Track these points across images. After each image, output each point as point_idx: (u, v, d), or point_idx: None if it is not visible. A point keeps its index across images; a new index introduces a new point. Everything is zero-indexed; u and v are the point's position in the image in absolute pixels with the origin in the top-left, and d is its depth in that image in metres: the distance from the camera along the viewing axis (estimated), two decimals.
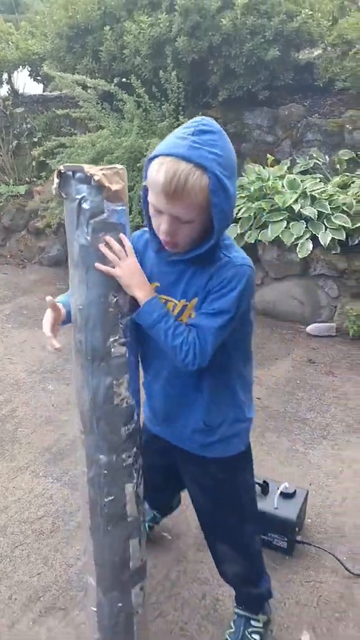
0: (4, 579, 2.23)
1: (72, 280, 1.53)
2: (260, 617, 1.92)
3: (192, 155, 1.30)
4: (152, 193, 1.37)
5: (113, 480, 1.61)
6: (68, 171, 1.41)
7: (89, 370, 1.53)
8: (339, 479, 2.70)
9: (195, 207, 1.35)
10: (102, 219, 1.42)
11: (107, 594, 1.73)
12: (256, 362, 3.61)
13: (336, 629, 2.00)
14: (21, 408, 3.29)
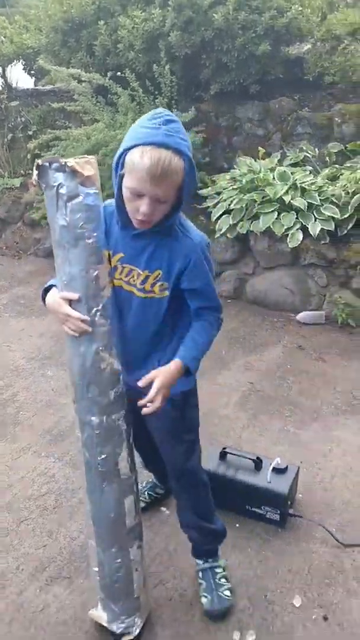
0: (11, 551, 2.34)
1: (56, 259, 1.68)
2: (220, 562, 2.15)
3: (169, 142, 1.48)
4: (135, 178, 1.51)
5: (105, 440, 1.77)
6: (45, 163, 1.57)
7: (77, 340, 1.69)
8: (328, 458, 2.83)
9: (174, 187, 1.54)
10: (79, 201, 1.58)
11: (106, 551, 1.88)
12: (248, 349, 3.76)
13: (326, 594, 2.14)
14: (22, 393, 3.40)
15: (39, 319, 4.31)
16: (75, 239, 1.61)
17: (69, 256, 1.64)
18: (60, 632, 2.01)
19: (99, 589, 1.95)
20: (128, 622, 1.94)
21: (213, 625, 2.03)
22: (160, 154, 1.47)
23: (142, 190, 1.52)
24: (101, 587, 1.93)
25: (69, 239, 1.62)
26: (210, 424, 3.03)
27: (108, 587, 1.92)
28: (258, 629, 2.01)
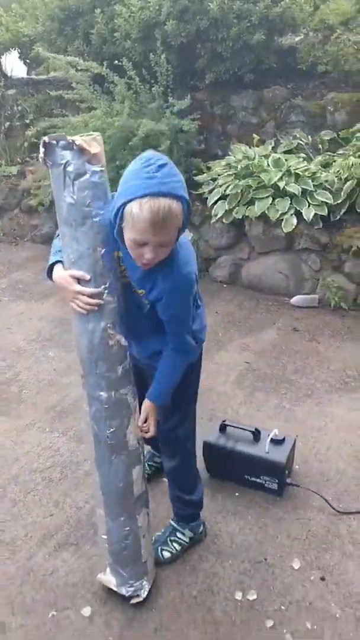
0: (19, 520, 2.43)
1: (62, 237, 1.71)
2: (186, 531, 2.27)
3: (166, 190, 1.50)
4: (136, 230, 1.54)
5: (113, 413, 1.84)
6: (52, 140, 1.57)
7: (85, 317, 1.72)
8: (323, 432, 2.93)
9: (175, 229, 1.58)
10: (86, 179, 1.59)
11: (115, 520, 1.97)
12: (244, 331, 3.86)
13: (323, 557, 2.24)
14: (24, 372, 3.48)
15: (38, 302, 4.38)
16: (83, 217, 1.63)
17: (77, 234, 1.65)
18: (70, 594, 2.10)
19: (108, 555, 2.04)
20: (136, 585, 2.04)
21: (216, 586, 2.13)
22: (159, 204, 1.49)
23: (145, 240, 1.56)
24: (110, 553, 2.03)
25: (77, 217, 1.63)
26: (209, 400, 3.13)
27: (117, 553, 2.01)
28: (259, 589, 2.11)
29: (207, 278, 4.71)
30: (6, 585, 2.14)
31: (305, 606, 2.05)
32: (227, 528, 2.38)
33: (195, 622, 2.00)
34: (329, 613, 2.02)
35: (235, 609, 2.04)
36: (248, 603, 2.06)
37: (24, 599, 2.09)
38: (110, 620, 2.01)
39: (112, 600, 2.07)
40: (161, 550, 2.23)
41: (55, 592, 2.12)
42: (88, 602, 2.08)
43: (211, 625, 1.99)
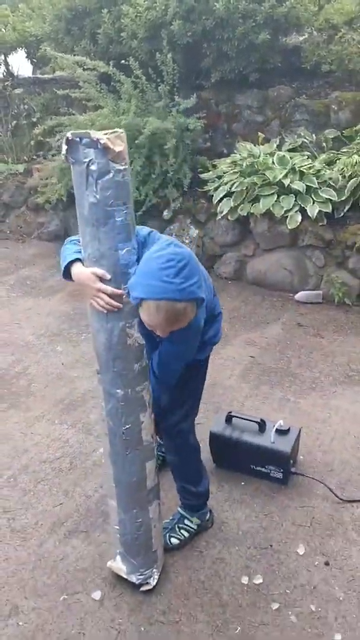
0: (30, 509, 2.49)
1: (83, 236, 1.70)
2: (194, 519, 2.33)
3: (183, 296, 1.56)
4: (150, 321, 1.63)
5: (129, 410, 1.87)
6: (76, 138, 1.57)
7: (104, 315, 1.74)
8: (327, 423, 2.98)
9: (187, 322, 1.65)
10: (109, 178, 1.58)
11: (127, 512, 2.02)
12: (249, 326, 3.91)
13: (327, 543, 2.30)
14: (33, 366, 3.54)
15: (45, 298, 4.45)
16: (105, 217, 1.62)
17: (99, 234, 1.64)
18: (80, 578, 2.16)
19: (119, 544, 2.10)
20: (147, 573, 2.09)
21: (223, 571, 2.18)
22: (174, 308, 1.57)
23: (159, 333, 1.67)
24: (121, 543, 2.08)
25: (99, 217, 1.62)
26: (215, 394, 3.19)
27: (128, 543, 2.07)
28: (265, 574, 2.17)
29: (213, 274, 4.76)
30: (18, 571, 2.20)
31: (309, 590, 2.10)
32: (233, 516, 2.43)
33: (202, 605, 2.05)
34: (333, 596, 2.08)
35: (241, 593, 2.10)
36: (254, 587, 2.12)
37: (36, 584, 2.15)
38: (120, 604, 2.06)
39: (122, 585, 2.12)
40: (169, 537, 2.28)
41: (66, 577, 2.17)
42: (98, 586, 2.13)
43: (218, 607, 2.04)
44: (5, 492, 2.57)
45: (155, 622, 2.00)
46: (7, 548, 2.30)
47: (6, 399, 3.22)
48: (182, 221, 4.80)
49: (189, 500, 2.33)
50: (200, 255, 4.79)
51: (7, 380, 3.40)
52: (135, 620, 2.00)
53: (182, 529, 2.31)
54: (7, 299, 4.46)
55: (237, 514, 2.44)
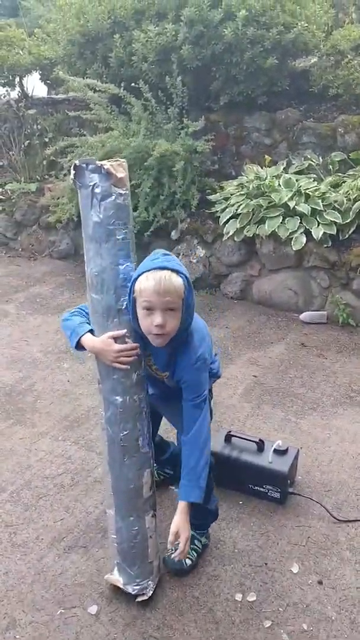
0: (31, 524, 2.54)
1: (87, 252, 1.90)
2: (202, 539, 2.36)
3: (167, 265, 1.84)
4: (145, 296, 1.82)
5: (127, 417, 1.99)
6: (82, 164, 1.79)
7: (103, 326, 1.92)
8: (326, 444, 3.02)
9: (178, 297, 1.85)
10: (111, 200, 1.80)
11: (124, 519, 2.08)
12: (253, 346, 3.96)
13: (322, 562, 2.32)
14: (39, 383, 3.60)
15: (54, 316, 4.53)
16: (107, 234, 1.82)
17: (101, 250, 1.84)
18: (78, 593, 2.20)
19: (116, 554, 2.15)
20: (143, 584, 2.14)
21: (217, 588, 2.21)
22: (162, 274, 1.81)
23: (153, 305, 1.82)
24: (118, 552, 2.14)
25: (101, 234, 1.83)
26: (217, 412, 3.22)
27: (125, 552, 2.12)
28: (258, 592, 2.20)
29: (219, 294, 4.84)
30: (17, 584, 2.25)
31: (302, 608, 2.13)
32: (230, 534, 2.47)
33: (196, 621, 2.09)
34: (325, 615, 2.10)
35: (235, 610, 2.13)
36: (247, 604, 2.15)
37: (34, 597, 2.19)
38: (115, 618, 2.10)
39: (118, 600, 2.16)
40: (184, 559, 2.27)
41: (64, 591, 2.21)
42: (95, 601, 2.17)
43: (212, 624, 2.07)
44: (8, 507, 2.63)
45: (149, 637, 2.03)
46: (8, 562, 2.34)
47: (12, 415, 3.29)
48: (189, 241, 4.88)
49: (199, 520, 2.34)
50: (206, 274, 4.86)
51: (13, 397, 3.46)
52: (130, 634, 2.04)
53: (193, 549, 2.33)
54: (17, 316, 4.54)
55: (233, 533, 2.47)
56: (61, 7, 5.62)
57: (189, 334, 2.02)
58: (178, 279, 1.84)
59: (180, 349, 2.02)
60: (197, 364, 2.04)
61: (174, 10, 4.80)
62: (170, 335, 1.91)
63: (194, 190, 4.83)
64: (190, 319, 1.97)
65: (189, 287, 1.88)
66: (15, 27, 6.67)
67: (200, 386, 2.07)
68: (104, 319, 1.92)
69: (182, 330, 1.96)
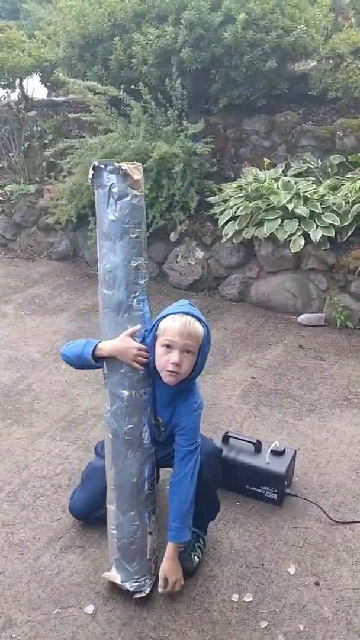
0: (28, 524, 2.53)
1: (100, 249, 2.00)
2: (205, 535, 2.39)
3: (193, 312, 2.02)
4: (168, 335, 1.96)
5: (133, 411, 2.06)
6: (101, 165, 1.90)
7: (114, 321, 2.02)
8: (324, 445, 3.02)
9: (197, 342, 2.00)
10: (127, 200, 1.90)
11: (125, 514, 2.11)
12: (251, 347, 3.96)
13: (318, 563, 2.33)
14: (37, 384, 3.60)
15: (52, 317, 4.53)
16: (122, 232, 1.93)
17: (115, 247, 1.95)
18: (74, 592, 2.20)
19: (116, 551, 2.16)
20: (141, 581, 2.14)
21: (214, 588, 2.21)
22: (187, 318, 1.98)
23: (174, 344, 1.96)
24: (118, 548, 2.15)
25: (116, 232, 1.93)
26: (214, 414, 3.24)
27: (125, 547, 2.14)
28: (255, 592, 2.20)
29: (217, 295, 4.85)
30: (14, 583, 2.24)
31: (298, 609, 2.13)
32: (227, 535, 2.47)
33: (193, 621, 2.09)
34: (322, 616, 2.10)
35: (231, 610, 2.13)
36: (244, 605, 2.15)
37: (31, 596, 2.19)
38: (111, 618, 2.10)
39: (115, 599, 2.16)
40: (193, 556, 2.29)
41: (60, 591, 2.21)
42: (91, 600, 2.17)
43: (208, 624, 2.07)
44: (5, 507, 2.62)
45: (145, 637, 2.03)
46: (5, 561, 2.34)
47: (10, 415, 3.29)
48: (188, 243, 4.88)
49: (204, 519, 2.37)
50: (205, 276, 4.87)
51: (11, 397, 3.46)
52: (126, 634, 2.04)
53: (199, 547, 2.34)
54: (15, 317, 4.54)
55: (230, 533, 2.47)
56: (61, 10, 5.64)
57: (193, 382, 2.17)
58: (200, 327, 2.00)
59: (183, 395, 2.14)
60: (197, 411, 2.17)
61: (174, 13, 4.82)
62: (182, 377, 2.02)
63: (193, 192, 4.84)
64: (202, 367, 2.10)
65: (208, 337, 2.04)
66: (16, 29, 6.68)
67: (196, 432, 2.17)
68: (115, 313, 2.01)
69: (192, 377, 2.10)
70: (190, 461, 2.13)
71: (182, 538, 2.14)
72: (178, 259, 4.94)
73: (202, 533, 2.37)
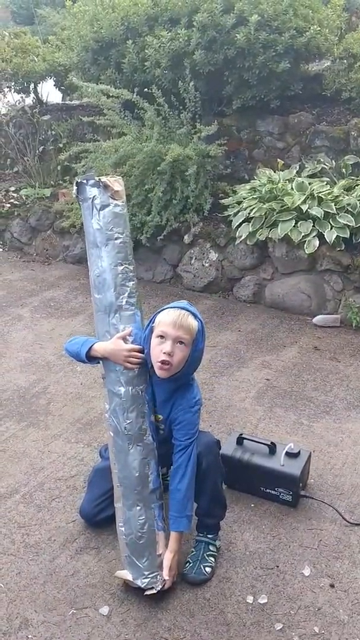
0: (43, 525, 2.55)
1: (90, 258, 2.19)
2: (216, 542, 2.37)
3: (187, 307, 2.14)
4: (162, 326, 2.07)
5: (131, 406, 2.15)
6: (83, 180, 2.11)
7: (105, 322, 2.15)
8: (339, 447, 3.01)
9: (190, 334, 2.09)
10: (109, 209, 2.11)
11: (131, 508, 2.16)
12: (266, 349, 3.96)
13: (333, 565, 2.32)
14: (52, 386, 3.63)
15: (67, 319, 4.56)
16: (107, 239, 2.10)
17: (101, 253, 2.12)
18: (90, 593, 2.22)
19: (125, 547, 2.18)
20: (151, 577, 2.15)
21: (228, 590, 2.22)
22: (182, 312, 2.10)
23: (167, 335, 2.06)
24: (127, 544, 2.17)
25: (102, 239, 2.11)
26: (229, 415, 3.24)
27: (133, 543, 2.16)
28: (269, 594, 2.20)
29: (231, 297, 4.85)
30: (30, 584, 2.26)
31: (314, 611, 2.13)
32: (242, 536, 2.47)
33: (207, 622, 2.09)
34: (337, 618, 2.10)
35: (246, 612, 2.13)
36: (259, 606, 2.15)
37: (47, 597, 2.21)
38: (126, 619, 2.11)
39: (129, 600, 2.17)
40: (204, 568, 2.27)
41: (76, 592, 2.22)
42: (106, 601, 2.18)
43: (222, 626, 2.08)
44: (21, 508, 2.65)
45: (160, 638, 2.04)
46: (21, 562, 2.36)
47: (26, 418, 3.31)
48: (202, 245, 4.89)
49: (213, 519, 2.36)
50: (219, 278, 4.87)
51: (27, 399, 3.49)
52: (141, 636, 2.05)
53: (210, 555, 2.32)
54: (31, 319, 4.58)
55: (245, 535, 2.47)
56: (75, 15, 5.68)
57: (191, 378, 2.26)
58: (194, 321, 2.11)
59: (181, 391, 2.22)
60: (195, 407, 2.24)
61: (187, 15, 4.83)
62: (174, 369, 2.10)
63: (207, 195, 4.84)
64: (197, 363, 2.21)
65: (202, 332, 2.14)
66: (31, 35, 6.74)
67: (193, 426, 2.23)
68: (105, 314, 2.14)
69: (188, 373, 2.19)
70: (186, 451, 2.20)
71: (179, 527, 2.20)
72: (192, 261, 4.94)
73: (211, 540, 2.35)
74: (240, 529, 2.51)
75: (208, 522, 2.36)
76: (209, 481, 2.28)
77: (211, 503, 2.33)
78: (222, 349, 4.00)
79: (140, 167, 4.76)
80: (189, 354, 2.12)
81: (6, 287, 5.25)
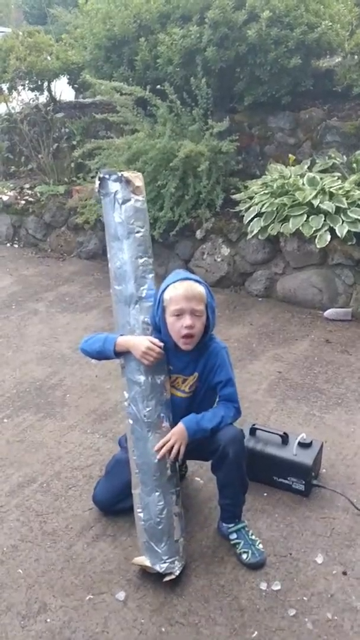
0: (60, 513, 2.61)
1: (110, 250, 2.27)
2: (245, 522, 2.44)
3: (190, 276, 2.21)
4: (173, 303, 2.13)
5: (150, 394, 2.21)
6: (105, 175, 2.20)
7: (127, 312, 2.22)
8: (351, 438, 3.05)
9: (202, 302, 2.17)
10: (131, 204, 2.19)
11: (150, 494, 2.22)
12: (277, 342, 3.99)
13: (345, 553, 2.36)
14: (68, 378, 3.69)
15: (82, 314, 4.62)
16: (128, 232, 2.18)
17: (123, 246, 2.20)
18: (106, 579, 2.27)
19: (143, 533, 2.24)
20: (170, 562, 2.21)
21: (242, 577, 2.26)
22: (187, 282, 2.15)
23: (183, 309, 2.12)
24: (145, 529, 2.23)
25: (123, 233, 2.19)
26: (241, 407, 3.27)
27: (152, 528, 2.22)
28: (283, 581, 2.24)
29: (243, 292, 4.88)
30: (48, 570, 2.32)
31: (326, 598, 2.17)
32: (255, 525, 2.51)
33: (222, 608, 2.14)
34: (350, 605, 2.14)
35: (260, 598, 2.17)
36: (272, 593, 2.19)
37: (64, 583, 2.26)
38: (142, 604, 2.16)
39: (145, 587, 2.22)
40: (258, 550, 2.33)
41: (93, 578, 2.28)
42: (122, 587, 2.23)
43: (237, 611, 2.12)
44: (38, 497, 2.70)
45: (175, 623, 2.09)
46: (39, 549, 2.42)
47: (42, 409, 3.37)
48: (214, 240, 4.93)
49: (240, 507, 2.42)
50: (231, 273, 4.91)
51: (43, 391, 3.55)
52: (157, 620, 2.09)
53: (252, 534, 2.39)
54: (47, 314, 4.64)
55: (258, 523, 2.51)
56: (88, 13, 5.72)
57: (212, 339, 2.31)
58: (201, 287, 2.17)
59: (206, 353, 2.28)
60: (224, 350, 2.32)
61: (199, 12, 4.87)
62: (197, 338, 2.19)
63: (219, 190, 4.88)
64: (214, 320, 2.25)
65: (210, 294, 2.20)
66: (44, 34, 6.79)
67: (229, 369, 2.33)
68: (126, 305, 2.20)
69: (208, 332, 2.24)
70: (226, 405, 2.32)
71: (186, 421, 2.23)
72: (204, 256, 4.98)
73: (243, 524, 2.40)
74: (253, 517, 2.55)
75: (237, 512, 2.41)
76: (237, 471, 2.32)
77: (240, 493, 2.39)
78: (234, 343, 4.04)
79: (153, 163, 4.80)
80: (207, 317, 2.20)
81: (22, 283, 5.32)
